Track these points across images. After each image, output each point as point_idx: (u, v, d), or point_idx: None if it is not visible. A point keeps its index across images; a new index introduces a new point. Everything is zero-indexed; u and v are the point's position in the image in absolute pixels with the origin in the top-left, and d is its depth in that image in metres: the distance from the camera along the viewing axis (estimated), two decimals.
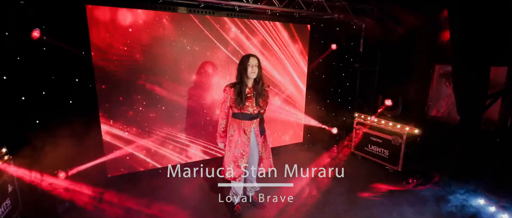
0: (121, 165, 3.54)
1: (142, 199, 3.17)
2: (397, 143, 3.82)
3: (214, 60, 3.88)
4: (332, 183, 3.67)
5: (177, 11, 3.48)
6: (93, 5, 3.01)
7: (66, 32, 3.00)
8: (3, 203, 2.49)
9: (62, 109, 3.13)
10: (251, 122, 2.68)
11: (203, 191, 3.43)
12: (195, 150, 4.02)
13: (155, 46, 3.44)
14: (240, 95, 2.55)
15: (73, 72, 3.18)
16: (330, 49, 4.75)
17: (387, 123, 3.98)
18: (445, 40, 3.58)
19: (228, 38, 3.92)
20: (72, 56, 3.07)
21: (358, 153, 4.48)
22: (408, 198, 3.29)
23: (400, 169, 3.82)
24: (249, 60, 2.54)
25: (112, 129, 3.39)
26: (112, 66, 3.24)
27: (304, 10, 4.20)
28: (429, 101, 3.95)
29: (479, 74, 3.06)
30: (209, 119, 4.01)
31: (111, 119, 3.36)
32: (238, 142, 2.66)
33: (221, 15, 3.80)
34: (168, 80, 3.61)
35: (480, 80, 3.09)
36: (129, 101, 3.43)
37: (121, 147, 3.48)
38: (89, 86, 3.23)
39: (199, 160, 4.09)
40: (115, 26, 3.17)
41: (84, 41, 3.07)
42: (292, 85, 4.70)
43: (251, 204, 3.10)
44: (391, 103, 4.07)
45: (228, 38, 3.92)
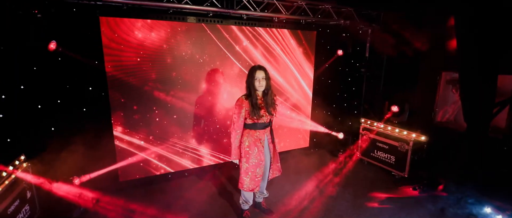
0: (133, 170, 3.63)
1: (153, 204, 3.26)
2: (403, 149, 3.84)
3: (223, 69, 3.95)
4: (338, 188, 3.72)
5: (186, 20, 3.56)
6: (106, 16, 3.10)
7: (80, 43, 3.11)
8: (23, 209, 2.60)
9: (76, 117, 3.24)
10: (264, 130, 2.75)
11: (213, 197, 3.50)
12: (204, 156, 4.10)
13: (166, 55, 3.52)
14: (254, 107, 2.61)
15: (86, 81, 3.28)
16: (336, 55, 4.79)
17: (393, 129, 4.00)
18: (452, 47, 3.60)
19: (236, 47, 3.98)
20: (85, 66, 3.17)
21: (364, 158, 4.51)
22: (414, 205, 3.32)
23: (407, 175, 3.84)
24: (255, 74, 2.60)
25: (124, 136, 3.49)
26: (125, 75, 3.34)
27: (311, 16, 4.25)
28: (436, 107, 3.97)
29: (487, 82, 3.08)
30: (219, 126, 4.08)
31: (123, 126, 3.46)
32: (254, 152, 2.72)
33: (229, 23, 3.87)
34: (178, 89, 3.70)
35: (488, 88, 3.11)
36: (141, 109, 3.52)
37: (132, 153, 3.57)
38: (102, 95, 3.33)
39: (208, 165, 4.17)
40: (127, 36, 3.26)
41: (98, 51, 3.16)
42: (299, 91, 4.75)
43: (259, 210, 3.16)
44: (398, 109, 4.09)
45: (237, 47, 3.99)
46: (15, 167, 2.60)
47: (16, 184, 2.54)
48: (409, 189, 3.69)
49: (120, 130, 3.46)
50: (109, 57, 3.22)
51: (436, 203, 3.35)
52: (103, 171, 3.32)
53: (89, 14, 3.07)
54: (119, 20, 3.19)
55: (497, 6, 2.88)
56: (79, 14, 3.06)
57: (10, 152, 2.76)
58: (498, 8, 2.90)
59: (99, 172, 3.31)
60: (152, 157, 3.72)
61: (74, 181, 3.12)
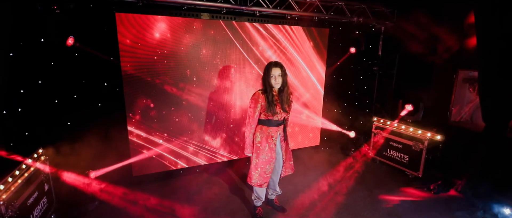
0: (146, 166, 3.66)
1: (166, 199, 3.29)
2: (418, 149, 3.78)
3: (235, 66, 3.95)
4: (352, 187, 3.68)
5: (200, 17, 3.57)
6: (122, 12, 3.13)
7: (96, 39, 3.15)
8: (41, 201, 2.65)
9: (91, 112, 3.29)
10: (277, 128, 2.74)
11: (224, 193, 3.51)
12: (217, 153, 4.11)
13: (181, 53, 3.54)
14: (270, 104, 2.60)
15: (102, 77, 3.32)
16: (348, 52, 4.74)
17: (407, 128, 3.94)
18: (470, 45, 3.51)
19: (249, 43, 3.98)
20: (101, 61, 3.21)
21: (376, 157, 4.45)
22: (429, 205, 3.27)
23: (421, 175, 3.78)
24: (271, 71, 2.58)
25: (138, 131, 3.52)
26: (140, 71, 3.36)
27: (324, 14, 4.21)
28: (452, 106, 3.88)
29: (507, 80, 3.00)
30: (232, 123, 4.09)
31: (137, 121, 3.49)
32: (265, 149, 2.71)
33: (242, 20, 3.86)
34: (192, 86, 3.71)
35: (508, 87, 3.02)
36: (155, 106, 3.55)
37: (147, 148, 3.60)
38: (117, 90, 3.37)
39: (221, 162, 4.18)
40: (143, 33, 3.29)
41: (113, 47, 3.20)
42: (310, 89, 4.72)
43: (272, 207, 3.16)
44: (412, 108, 4.02)
45: (250, 44, 3.98)
46: (33, 159, 2.64)
47: (35, 177, 2.59)
48: (423, 189, 3.63)
49: (135, 125, 3.49)
50: (125, 53, 3.24)
51: (451, 204, 3.29)
52: (117, 165, 3.36)
53: (106, 10, 3.10)
54: (136, 17, 3.21)
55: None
56: (96, 10, 3.10)
57: (28, 145, 2.82)
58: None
59: (114, 166, 3.35)
60: (166, 152, 3.75)
61: (89, 175, 3.17)
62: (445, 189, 3.57)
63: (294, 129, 4.70)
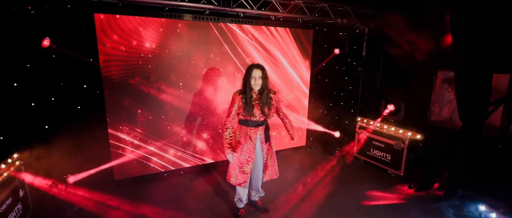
0: (129, 169, 3.60)
1: (148, 202, 3.24)
2: (399, 148, 3.85)
3: (219, 67, 3.93)
4: (335, 187, 3.72)
5: (183, 18, 3.54)
6: (101, 13, 3.07)
7: (74, 40, 3.08)
8: (15, 208, 2.57)
9: (70, 115, 3.21)
10: (257, 129, 2.74)
11: (208, 195, 3.48)
12: (201, 155, 4.08)
13: (163, 53, 3.50)
14: (248, 105, 2.60)
15: (81, 79, 3.25)
16: (333, 53, 4.79)
17: (389, 127, 4.01)
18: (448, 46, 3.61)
19: (235, 44, 3.97)
20: (80, 63, 3.14)
21: (360, 157, 4.52)
22: (410, 203, 3.33)
23: (402, 173, 3.86)
24: (252, 72, 2.59)
25: (119, 134, 3.46)
26: (120, 73, 3.31)
27: (308, 15, 4.24)
28: (432, 106, 3.98)
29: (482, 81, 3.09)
30: (216, 125, 4.06)
31: (118, 124, 3.43)
32: (244, 148, 2.72)
33: (226, 21, 3.85)
34: (176, 88, 3.67)
35: (483, 87, 3.12)
36: (137, 107, 3.49)
37: (128, 151, 3.54)
38: (97, 92, 3.30)
39: (204, 164, 4.15)
40: (123, 34, 3.23)
41: (92, 48, 3.13)
42: (296, 89, 4.75)
43: (255, 208, 3.15)
44: (394, 108, 4.10)
45: (235, 45, 3.97)
46: (8, 165, 2.56)
47: (8, 183, 2.51)
48: (405, 187, 3.71)
49: (116, 128, 3.43)
50: (106, 56, 3.18)
51: (431, 201, 3.36)
52: (97, 169, 3.29)
53: (84, 11, 3.04)
54: (117, 18, 3.15)
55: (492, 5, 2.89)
56: (74, 10, 3.03)
57: (2, 150, 2.73)
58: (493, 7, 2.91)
59: (94, 170, 3.28)
60: (148, 155, 3.70)
61: (68, 180, 3.09)
62: (426, 187, 3.65)
63: (279, 129, 4.71)
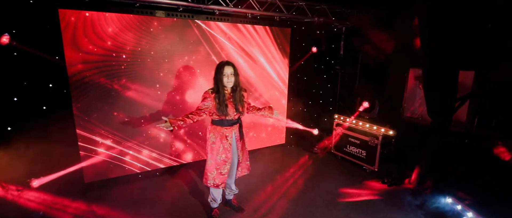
0: (99, 171, 3.49)
1: (120, 206, 3.14)
2: (373, 144, 3.94)
3: (196, 66, 3.88)
4: (311, 183, 3.76)
5: (155, 15, 3.45)
6: (66, 9, 2.94)
7: (38, 37, 2.94)
8: None
9: (36, 115, 3.06)
10: (232, 127, 2.71)
11: (184, 196, 3.43)
12: (177, 155, 4.01)
13: (136, 52, 3.40)
14: (220, 104, 2.55)
15: (46, 78, 3.10)
16: (310, 52, 4.83)
17: (364, 124, 4.10)
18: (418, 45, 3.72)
19: (212, 42, 3.92)
20: (45, 62, 3.00)
21: (337, 153, 4.59)
22: (382, 198, 3.42)
23: (377, 169, 3.95)
24: (224, 70, 2.55)
25: (89, 135, 3.34)
26: (89, 71, 3.19)
27: (285, 13, 4.25)
28: (404, 103, 4.10)
29: (448, 78, 3.20)
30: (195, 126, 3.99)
31: (88, 124, 3.31)
32: (220, 149, 2.67)
33: (201, 18, 3.79)
34: (148, 87, 3.58)
35: (449, 83, 3.23)
36: (108, 108, 3.38)
37: (99, 153, 3.43)
38: (64, 92, 3.17)
39: (180, 164, 4.08)
40: (91, 31, 3.12)
41: (58, 46, 3.00)
42: (274, 88, 4.76)
43: (230, 208, 3.13)
44: (368, 105, 4.18)
45: (213, 42, 3.93)
46: None
47: None
48: (379, 182, 3.79)
49: (85, 129, 3.30)
50: (72, 52, 3.06)
51: (402, 195, 3.46)
52: (64, 172, 3.15)
53: (48, 7, 2.90)
54: (82, 13, 3.03)
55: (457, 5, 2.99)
56: (37, 6, 2.89)
57: None
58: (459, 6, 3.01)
59: (60, 173, 3.14)
60: (121, 156, 3.59)
61: (31, 184, 2.95)
62: (398, 181, 3.75)
63: (259, 127, 4.72)
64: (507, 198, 2.85)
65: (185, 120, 2.51)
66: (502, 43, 2.95)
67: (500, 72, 2.96)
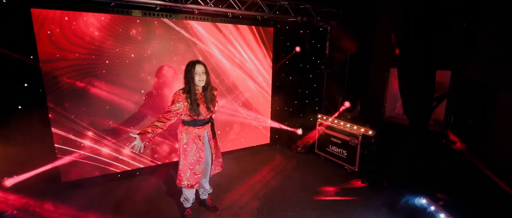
0: (78, 170, 3.49)
1: (96, 206, 3.15)
2: (353, 144, 3.92)
3: (171, 65, 3.87)
4: (290, 183, 3.75)
5: (131, 14, 3.45)
6: (39, 8, 2.94)
7: (12, 37, 2.94)
8: None
9: (10, 114, 3.07)
10: (204, 127, 2.70)
11: (160, 195, 3.43)
12: (156, 155, 4.01)
13: (114, 53, 3.40)
14: (193, 104, 2.53)
15: (21, 78, 3.11)
16: (294, 51, 4.82)
17: (345, 124, 4.08)
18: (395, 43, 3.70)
19: (194, 41, 3.91)
20: (19, 61, 3.01)
21: (321, 153, 4.57)
22: (359, 198, 3.40)
23: (357, 169, 3.93)
24: (195, 68, 2.53)
25: (64, 134, 3.34)
26: (64, 70, 3.19)
27: (267, 13, 4.24)
28: (385, 103, 4.07)
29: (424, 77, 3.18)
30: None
31: (64, 123, 3.31)
32: (193, 149, 2.66)
33: (179, 18, 3.79)
34: (124, 86, 3.58)
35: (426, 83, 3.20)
36: (84, 107, 3.38)
37: (75, 152, 3.43)
38: (40, 91, 3.17)
39: (160, 164, 4.08)
40: (67, 30, 3.12)
41: (31, 45, 3.00)
42: (257, 88, 4.75)
43: (205, 207, 3.13)
44: (349, 104, 4.17)
45: (192, 39, 3.92)
46: None
47: None
48: (358, 182, 3.78)
49: (63, 128, 3.31)
50: (46, 51, 3.06)
51: (380, 196, 3.45)
52: (38, 170, 3.15)
53: (21, 6, 2.90)
54: (56, 12, 3.03)
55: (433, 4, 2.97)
56: (9, 6, 2.89)
57: None
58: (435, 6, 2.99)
59: (34, 171, 3.14)
60: (95, 155, 3.59)
61: (4, 183, 2.95)
62: (377, 182, 3.73)
63: (243, 127, 4.71)
64: (480, 198, 2.84)
65: (154, 130, 2.41)
66: (474, 41, 2.93)
67: (471, 70, 2.94)
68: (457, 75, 3.24)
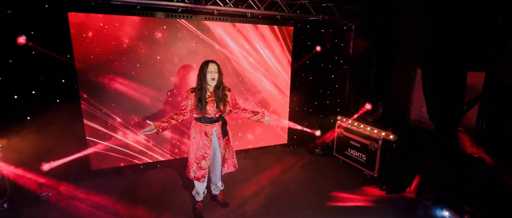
0: (106, 160, 3.81)
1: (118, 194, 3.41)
2: (373, 148, 3.73)
3: (193, 64, 4.03)
4: (304, 186, 3.68)
5: (155, 16, 3.67)
6: (74, 12, 3.27)
7: (50, 38, 3.29)
8: None
9: (49, 107, 3.44)
10: (212, 125, 2.78)
11: (177, 188, 3.59)
12: (171, 149, 4.20)
13: (138, 52, 3.65)
14: (200, 101, 2.63)
15: (59, 74, 3.47)
16: (314, 51, 4.71)
17: (365, 126, 3.90)
18: None
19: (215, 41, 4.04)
20: (57, 60, 3.36)
21: (339, 156, 4.42)
22: (376, 206, 3.23)
23: (376, 174, 3.74)
24: (208, 67, 2.63)
25: (95, 126, 3.66)
26: (96, 69, 3.50)
27: (286, 12, 4.21)
28: (411, 105, 3.81)
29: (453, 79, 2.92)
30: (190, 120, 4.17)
31: (94, 117, 3.63)
32: (200, 144, 2.77)
33: (199, 19, 3.93)
34: (148, 84, 3.82)
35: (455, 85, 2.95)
36: (114, 103, 3.67)
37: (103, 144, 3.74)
38: (74, 87, 3.52)
39: (179, 158, 4.27)
40: (100, 33, 3.42)
41: (67, 45, 3.34)
42: (276, 87, 4.74)
43: (216, 202, 3.22)
44: (371, 107, 3.97)
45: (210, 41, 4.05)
46: None
47: None
48: (377, 189, 3.59)
49: (93, 120, 3.64)
50: (80, 51, 3.38)
51: (400, 204, 3.24)
52: (71, 157, 3.49)
53: (58, 10, 3.24)
54: (89, 15, 3.34)
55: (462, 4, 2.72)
56: (50, 10, 3.25)
57: None
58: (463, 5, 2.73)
59: (69, 158, 3.48)
60: (123, 147, 3.88)
61: (42, 167, 3.32)
62: (399, 189, 3.51)
63: (259, 126, 4.73)
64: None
65: (169, 121, 2.62)
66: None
67: (508, 71, 2.62)
68: (491, 77, 2.91)
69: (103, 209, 3.09)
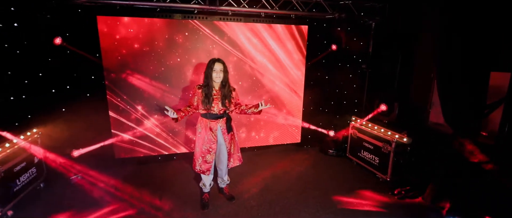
0: (127, 150, 4.16)
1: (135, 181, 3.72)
2: (386, 151, 3.59)
3: None
4: (311, 185, 3.67)
5: (173, 18, 3.91)
6: (102, 16, 3.62)
7: (82, 39, 3.69)
8: (29, 170, 3.27)
9: (80, 100, 3.86)
10: (217, 121, 2.92)
11: (188, 179, 3.80)
12: (186, 142, 4.43)
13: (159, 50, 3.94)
14: (206, 98, 2.79)
15: (89, 71, 3.88)
16: (330, 49, 4.64)
17: (379, 128, 3.76)
18: None
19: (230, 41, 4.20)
20: (88, 59, 3.76)
21: (352, 157, 4.31)
22: (387, 211, 3.12)
23: (389, 178, 3.59)
24: (214, 66, 2.78)
25: (119, 118, 4.02)
26: (121, 67, 3.85)
27: (301, 11, 4.22)
28: (429, 107, 3.59)
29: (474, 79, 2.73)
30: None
31: (119, 111, 3.99)
32: (205, 139, 2.93)
33: (214, 19, 4.10)
34: (169, 83, 4.09)
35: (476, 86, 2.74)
36: (137, 100, 4.00)
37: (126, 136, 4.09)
38: (102, 83, 3.90)
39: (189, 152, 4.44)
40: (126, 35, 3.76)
41: (96, 46, 3.72)
42: (290, 86, 4.75)
43: (222, 195, 3.36)
44: (386, 108, 3.81)
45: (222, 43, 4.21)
46: (26, 136, 3.26)
47: (24, 150, 3.19)
48: (388, 193, 3.45)
49: (118, 114, 4.00)
50: (106, 50, 3.75)
51: (410, 211, 3.09)
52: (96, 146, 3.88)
53: (89, 14, 3.63)
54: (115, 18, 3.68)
55: None
56: (82, 14, 3.65)
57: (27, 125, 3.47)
58: None
59: (95, 146, 3.88)
60: (147, 139, 4.20)
61: (72, 154, 3.74)
62: (412, 195, 3.35)
63: (273, 125, 4.78)
64: None
65: (185, 111, 2.83)
66: None
67: None
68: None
69: (121, 192, 3.40)
